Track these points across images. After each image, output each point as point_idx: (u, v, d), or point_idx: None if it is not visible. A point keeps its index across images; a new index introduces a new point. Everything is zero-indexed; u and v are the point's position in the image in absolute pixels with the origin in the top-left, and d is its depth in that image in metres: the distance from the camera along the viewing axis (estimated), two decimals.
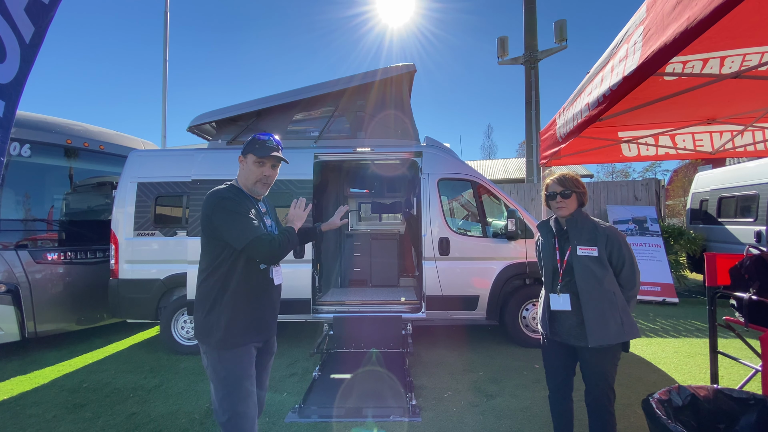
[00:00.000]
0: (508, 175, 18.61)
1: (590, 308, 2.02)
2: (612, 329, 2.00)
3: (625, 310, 2.04)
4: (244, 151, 1.95)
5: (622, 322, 2.01)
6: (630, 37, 2.01)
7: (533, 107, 8.08)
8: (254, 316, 1.87)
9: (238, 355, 1.80)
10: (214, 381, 1.82)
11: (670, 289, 6.78)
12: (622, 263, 2.05)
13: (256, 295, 1.87)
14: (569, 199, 2.12)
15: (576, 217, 2.15)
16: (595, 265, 2.03)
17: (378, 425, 2.92)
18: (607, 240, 2.05)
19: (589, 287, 2.03)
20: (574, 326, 2.09)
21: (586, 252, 2.05)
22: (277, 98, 4.70)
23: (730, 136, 4.14)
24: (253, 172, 1.91)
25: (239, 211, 1.78)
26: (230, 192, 1.85)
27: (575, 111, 2.95)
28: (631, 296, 2.09)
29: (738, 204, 7.15)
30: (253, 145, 1.91)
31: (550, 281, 2.21)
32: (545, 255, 2.25)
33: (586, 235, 2.09)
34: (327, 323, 4.50)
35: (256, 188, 1.95)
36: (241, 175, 1.97)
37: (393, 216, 7.17)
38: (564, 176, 2.16)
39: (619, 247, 2.04)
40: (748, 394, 2.03)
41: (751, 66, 2.31)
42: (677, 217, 18.14)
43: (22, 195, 4.83)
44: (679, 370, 3.93)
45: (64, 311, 4.88)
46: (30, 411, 3.29)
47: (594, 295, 2.02)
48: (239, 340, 1.81)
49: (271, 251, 1.76)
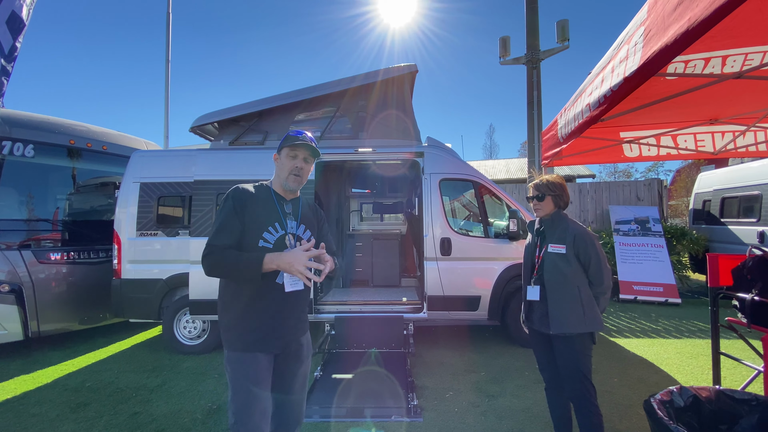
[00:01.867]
0: (509, 175, 18.57)
1: (553, 299, 2.24)
2: (572, 319, 2.18)
3: (590, 304, 2.21)
4: (278, 149, 1.92)
5: (584, 314, 2.18)
6: (631, 38, 2.01)
7: (535, 107, 8.05)
8: (258, 324, 1.77)
9: (243, 361, 1.75)
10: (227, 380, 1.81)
11: (672, 290, 6.76)
12: (588, 261, 2.21)
13: (259, 301, 1.77)
14: (543, 201, 2.33)
15: (553, 218, 2.35)
16: (562, 261, 2.23)
17: (379, 425, 2.93)
18: (574, 239, 2.22)
19: (554, 280, 2.24)
20: (543, 315, 2.32)
21: (555, 249, 2.26)
22: (279, 99, 4.71)
23: (732, 136, 4.13)
24: (286, 165, 1.87)
25: (224, 213, 1.75)
26: (239, 190, 1.81)
27: (576, 111, 2.95)
28: (599, 292, 2.25)
29: (741, 204, 7.12)
30: (287, 140, 1.89)
31: (528, 274, 2.44)
32: (527, 251, 2.50)
33: (557, 234, 2.29)
34: (329, 323, 4.50)
35: (289, 182, 1.87)
36: (276, 173, 1.93)
37: (394, 216, 7.17)
38: (540, 181, 2.36)
39: (586, 247, 2.20)
40: (750, 396, 2.03)
41: (753, 66, 2.30)
42: (680, 217, 18.07)
43: (26, 195, 4.85)
44: (681, 371, 3.92)
45: (67, 311, 4.91)
46: (33, 410, 3.30)
47: (557, 287, 2.24)
48: (243, 345, 1.75)
49: (206, 263, 1.68)
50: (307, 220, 1.97)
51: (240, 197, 1.78)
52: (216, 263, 1.68)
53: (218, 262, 1.68)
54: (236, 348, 1.76)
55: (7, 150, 4.66)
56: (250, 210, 1.77)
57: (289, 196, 1.92)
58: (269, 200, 1.85)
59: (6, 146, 4.65)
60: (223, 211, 1.75)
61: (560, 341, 2.24)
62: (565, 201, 2.35)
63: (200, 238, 4.38)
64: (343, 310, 4.66)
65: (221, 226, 1.73)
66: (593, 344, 2.25)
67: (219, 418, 3.10)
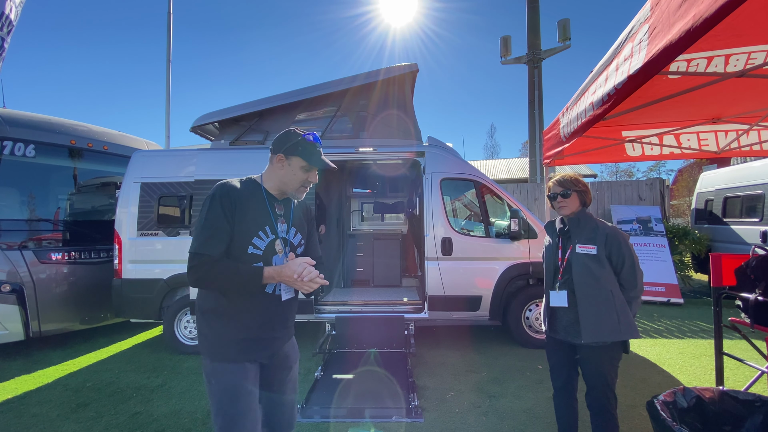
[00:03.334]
0: (511, 174, 18.55)
1: (585, 305, 2.06)
2: (606, 327, 2.02)
3: (623, 309, 2.05)
4: (286, 151, 1.64)
5: (619, 321, 2.02)
6: (635, 36, 1.99)
7: (536, 107, 8.05)
8: (247, 334, 1.62)
9: (230, 372, 1.58)
10: (207, 393, 1.63)
11: (674, 290, 6.73)
12: (621, 263, 2.06)
13: (248, 310, 1.62)
14: (569, 198, 2.18)
15: (578, 217, 2.20)
16: (593, 263, 2.06)
17: (380, 426, 2.92)
18: (606, 239, 2.07)
19: (586, 284, 2.07)
20: (571, 323, 2.14)
21: (585, 250, 2.09)
22: (279, 98, 4.71)
23: (735, 135, 4.10)
24: (298, 177, 1.66)
25: (211, 215, 1.53)
26: (226, 188, 1.58)
27: (579, 110, 2.93)
28: (632, 297, 2.09)
29: (743, 204, 7.09)
30: (303, 149, 1.63)
31: (551, 278, 2.26)
32: (548, 253, 2.32)
33: (586, 233, 2.13)
34: (329, 323, 4.49)
35: (296, 194, 1.71)
36: (276, 176, 1.68)
37: (395, 216, 7.17)
38: (564, 177, 2.23)
39: (619, 247, 2.05)
40: (754, 396, 2.01)
41: (756, 64, 2.29)
42: (682, 217, 18.02)
43: (27, 195, 4.86)
44: (684, 371, 3.90)
45: (68, 311, 4.91)
46: (34, 410, 3.30)
47: (590, 292, 2.06)
48: (229, 355, 1.59)
49: (193, 275, 1.51)
50: (298, 223, 1.79)
51: (229, 196, 1.56)
52: (206, 277, 1.51)
53: (209, 277, 1.50)
54: (221, 358, 1.59)
55: (9, 150, 4.66)
56: (240, 211, 1.57)
57: (281, 196, 1.72)
58: (260, 200, 1.65)
59: (7, 146, 4.66)
60: (211, 213, 1.53)
61: (589, 350, 2.08)
62: (589, 198, 2.22)
63: None
64: (344, 310, 4.66)
65: (210, 231, 1.52)
66: (625, 353, 2.10)
67: None
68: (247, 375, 1.61)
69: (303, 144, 1.64)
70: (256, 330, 1.64)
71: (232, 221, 1.55)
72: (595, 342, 2.04)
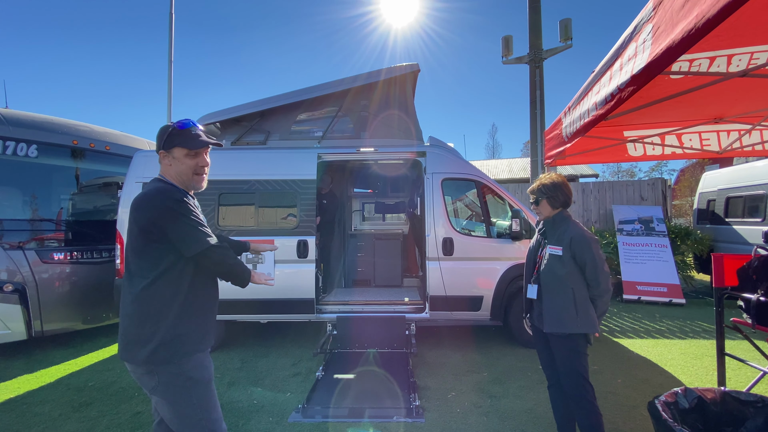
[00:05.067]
0: (512, 174, 18.53)
1: (548, 299, 2.29)
2: (564, 319, 2.21)
3: (584, 305, 2.21)
4: (164, 146, 1.66)
5: (577, 314, 2.19)
6: (638, 35, 1.99)
7: (538, 107, 8.02)
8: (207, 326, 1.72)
9: (203, 364, 1.66)
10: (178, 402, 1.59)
11: (676, 290, 6.72)
12: (584, 264, 2.21)
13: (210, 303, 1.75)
14: (540, 205, 2.40)
15: (554, 219, 2.37)
16: (557, 263, 2.26)
17: (381, 426, 2.92)
18: (570, 242, 2.23)
19: (549, 280, 2.29)
20: (539, 313, 2.37)
21: (553, 251, 2.29)
22: (280, 98, 4.71)
23: (737, 135, 4.10)
24: (187, 166, 1.67)
25: (190, 215, 1.59)
26: (176, 193, 1.61)
27: (582, 110, 2.93)
28: (596, 295, 2.24)
29: (746, 204, 7.07)
30: (176, 137, 1.65)
31: (529, 273, 2.50)
32: (530, 249, 2.54)
33: (557, 235, 2.32)
34: (330, 323, 4.50)
35: (195, 182, 1.71)
36: (170, 173, 1.69)
37: (396, 216, 7.16)
38: (538, 184, 2.40)
39: (582, 249, 2.20)
40: (755, 397, 2.01)
41: (758, 64, 2.28)
42: (684, 217, 17.98)
43: (29, 195, 4.87)
44: (686, 372, 3.89)
45: (70, 310, 4.93)
46: (36, 409, 3.31)
47: (552, 287, 2.28)
48: (200, 345, 1.66)
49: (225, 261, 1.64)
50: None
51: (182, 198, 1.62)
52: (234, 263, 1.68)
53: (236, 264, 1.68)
54: (192, 351, 1.62)
55: (11, 150, 4.68)
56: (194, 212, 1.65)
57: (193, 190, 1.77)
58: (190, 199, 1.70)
59: (10, 146, 4.67)
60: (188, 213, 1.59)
61: (555, 340, 2.28)
62: (561, 200, 2.34)
63: None
64: (345, 310, 4.66)
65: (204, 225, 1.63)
66: (588, 345, 2.26)
67: None
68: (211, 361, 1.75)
69: (176, 133, 1.66)
70: (211, 316, 1.77)
71: None
72: (554, 332, 2.24)
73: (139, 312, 1.57)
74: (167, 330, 1.57)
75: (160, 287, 1.58)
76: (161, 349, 1.55)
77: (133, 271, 1.60)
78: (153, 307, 1.57)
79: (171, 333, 1.57)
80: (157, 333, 1.55)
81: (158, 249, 1.58)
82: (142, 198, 1.60)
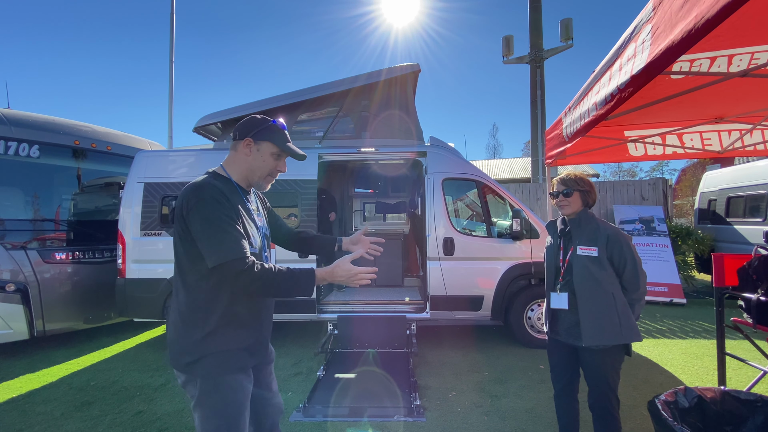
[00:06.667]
0: (513, 174, 18.53)
1: (586, 308, 2.03)
2: (607, 330, 2.00)
3: (625, 312, 2.02)
4: (256, 136, 1.52)
5: (620, 323, 2.00)
6: (638, 36, 1.99)
7: (539, 106, 8.04)
8: (254, 336, 1.54)
9: (239, 381, 1.47)
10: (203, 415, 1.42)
11: (677, 290, 6.71)
12: (623, 265, 2.02)
13: (259, 312, 1.55)
14: (571, 197, 2.14)
15: (580, 217, 2.16)
16: (594, 265, 2.03)
17: (381, 425, 2.92)
18: (608, 240, 2.03)
19: (586, 287, 2.04)
20: (572, 325, 2.12)
21: (586, 252, 2.06)
22: (282, 99, 4.72)
23: (738, 135, 4.09)
24: (267, 164, 1.55)
25: (220, 218, 1.36)
26: (214, 190, 1.41)
27: (582, 110, 2.93)
28: (634, 299, 2.07)
29: (747, 204, 7.06)
30: (273, 133, 1.53)
31: (552, 280, 2.23)
32: (549, 254, 2.29)
33: (587, 235, 2.10)
34: (331, 323, 4.51)
35: (263, 183, 1.60)
36: (242, 164, 1.55)
37: (397, 216, 7.17)
38: (568, 175, 2.18)
39: (621, 249, 2.02)
40: (755, 396, 2.01)
41: (759, 64, 2.28)
42: (685, 216, 17.97)
43: (31, 195, 4.89)
44: (686, 371, 3.89)
45: (72, 310, 4.94)
46: (38, 409, 3.33)
47: (590, 294, 2.03)
48: (241, 362, 1.48)
49: (250, 280, 1.33)
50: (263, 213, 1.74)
51: (218, 196, 1.41)
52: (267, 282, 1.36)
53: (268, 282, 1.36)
54: (233, 370, 1.45)
55: (13, 150, 4.70)
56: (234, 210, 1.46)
57: (247, 188, 1.61)
58: (239, 196, 1.53)
59: (12, 147, 4.69)
60: (219, 213, 1.37)
61: (590, 353, 2.06)
62: (593, 198, 2.17)
63: None
64: (346, 309, 4.67)
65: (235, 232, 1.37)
66: (628, 356, 2.09)
67: None
68: (250, 384, 1.53)
69: (274, 129, 1.55)
70: (260, 331, 1.57)
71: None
72: (596, 345, 2.02)
73: (182, 316, 1.44)
74: (208, 340, 1.42)
75: (202, 292, 1.43)
76: (200, 361, 1.41)
77: (178, 270, 1.47)
78: (195, 313, 1.43)
79: (212, 345, 1.42)
80: (197, 342, 1.41)
81: (196, 248, 1.39)
82: (183, 188, 1.45)
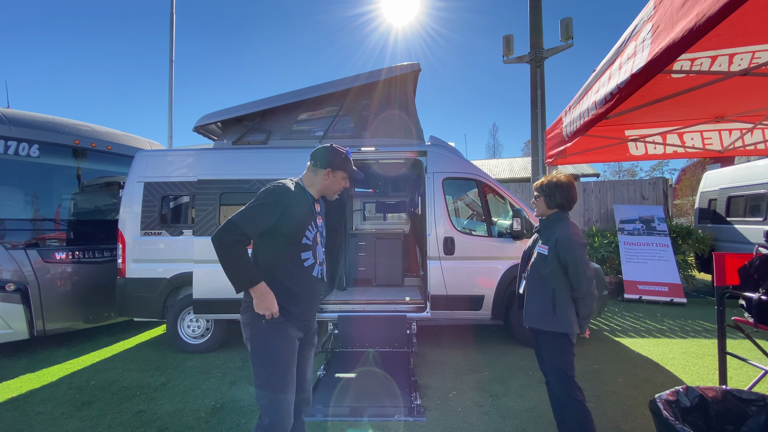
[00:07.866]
0: (513, 174, 18.51)
1: (529, 295, 2.39)
2: (542, 317, 2.28)
3: (563, 306, 2.23)
4: (334, 166, 2.02)
5: (554, 313, 2.24)
6: (638, 34, 1.99)
7: (539, 106, 8.03)
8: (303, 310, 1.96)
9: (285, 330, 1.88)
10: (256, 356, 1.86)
11: (678, 290, 6.71)
12: (566, 265, 2.22)
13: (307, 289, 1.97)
14: (538, 200, 2.46)
15: (549, 219, 2.42)
16: (541, 262, 2.32)
17: (382, 425, 2.92)
18: (556, 243, 2.25)
19: (533, 278, 2.38)
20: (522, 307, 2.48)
21: (540, 250, 2.35)
22: (281, 98, 4.71)
23: (739, 134, 4.09)
24: (339, 185, 2.09)
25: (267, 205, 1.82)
26: (289, 191, 1.91)
27: (582, 109, 2.93)
28: (578, 297, 2.24)
29: (747, 203, 7.06)
30: (347, 163, 2.05)
31: (523, 269, 2.57)
32: (528, 245, 2.60)
33: (547, 235, 2.36)
34: (332, 322, 4.50)
35: (334, 196, 2.13)
36: (321, 185, 2.06)
37: (397, 215, 7.16)
38: (543, 180, 2.43)
39: (565, 251, 2.21)
40: (757, 396, 2.01)
41: (760, 63, 2.28)
42: (685, 216, 17.97)
43: (31, 195, 4.89)
44: (687, 371, 3.89)
45: (72, 310, 4.94)
46: (38, 408, 3.33)
47: (534, 285, 2.36)
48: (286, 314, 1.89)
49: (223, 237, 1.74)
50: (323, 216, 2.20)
51: (286, 196, 1.87)
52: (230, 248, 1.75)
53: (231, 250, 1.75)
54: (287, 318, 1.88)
55: (13, 150, 4.69)
56: (295, 209, 1.90)
57: (318, 197, 2.09)
58: (307, 201, 1.99)
59: (12, 146, 4.69)
60: (267, 201, 1.83)
61: (539, 335, 2.37)
62: (558, 202, 2.34)
63: (203, 237, 4.39)
64: (347, 309, 4.66)
65: (259, 216, 1.81)
66: (571, 345, 2.27)
67: (223, 416, 3.11)
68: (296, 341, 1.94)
69: (348, 161, 2.06)
70: (308, 307, 1.99)
71: (281, 216, 1.84)
72: (532, 326, 2.36)
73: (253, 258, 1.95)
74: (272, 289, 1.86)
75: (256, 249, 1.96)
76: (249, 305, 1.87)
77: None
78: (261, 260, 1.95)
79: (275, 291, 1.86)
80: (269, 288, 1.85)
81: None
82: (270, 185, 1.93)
